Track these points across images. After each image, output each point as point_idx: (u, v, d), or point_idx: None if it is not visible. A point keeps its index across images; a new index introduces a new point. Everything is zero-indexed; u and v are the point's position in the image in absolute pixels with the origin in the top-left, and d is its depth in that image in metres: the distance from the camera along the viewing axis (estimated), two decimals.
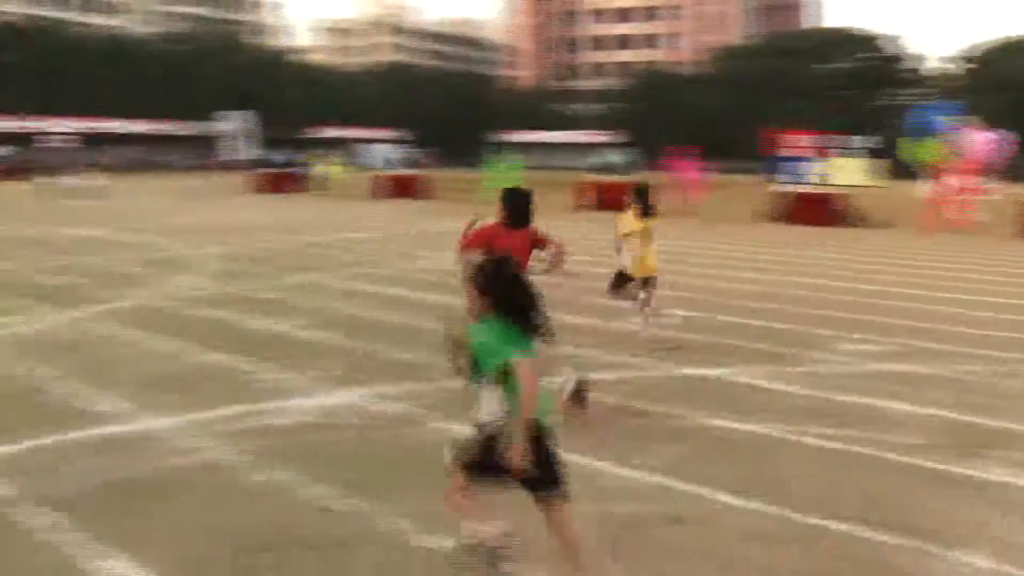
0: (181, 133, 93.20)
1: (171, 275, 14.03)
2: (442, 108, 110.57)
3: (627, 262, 8.84)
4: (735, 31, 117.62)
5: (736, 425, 6.49)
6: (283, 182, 40.50)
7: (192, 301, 11.53)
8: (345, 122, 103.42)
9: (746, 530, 4.72)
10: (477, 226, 6.31)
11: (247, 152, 76.31)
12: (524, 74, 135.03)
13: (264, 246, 18.07)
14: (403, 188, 36.71)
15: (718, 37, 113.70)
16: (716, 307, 11.35)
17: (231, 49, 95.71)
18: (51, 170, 46.46)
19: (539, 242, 6.44)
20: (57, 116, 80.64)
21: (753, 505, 5.05)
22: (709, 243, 19.72)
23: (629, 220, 8.79)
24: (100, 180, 40.24)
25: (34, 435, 6.15)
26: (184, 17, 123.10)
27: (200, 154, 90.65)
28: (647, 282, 8.96)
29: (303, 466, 5.53)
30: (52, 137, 76.18)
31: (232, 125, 79.13)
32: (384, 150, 77.05)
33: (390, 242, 19.14)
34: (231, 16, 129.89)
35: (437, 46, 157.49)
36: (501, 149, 37.08)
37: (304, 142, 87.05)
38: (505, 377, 3.44)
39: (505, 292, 3.54)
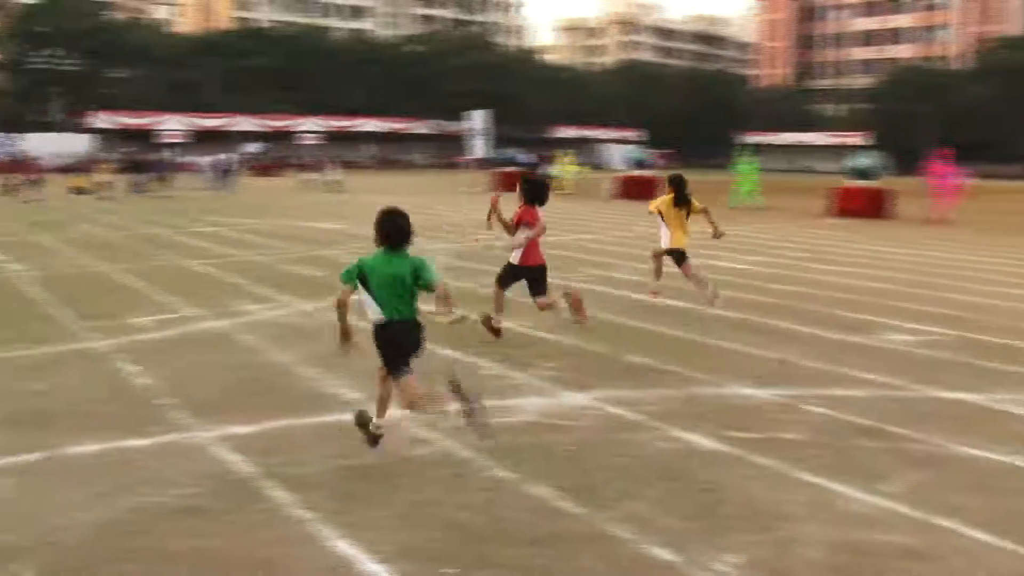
0: (422, 131, 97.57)
1: None
2: (681, 108, 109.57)
3: (662, 238, 11.10)
4: (1014, 21, 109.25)
5: (993, 456, 6.05)
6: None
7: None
8: (583, 122, 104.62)
9: (995, 571, 4.40)
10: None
11: (487, 151, 78.68)
12: (769, 72, 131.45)
13: (490, 243, 18.59)
14: (639, 189, 36.62)
15: (991, 27, 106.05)
16: (977, 327, 10.58)
17: (472, 49, 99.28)
18: (304, 167, 50.16)
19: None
20: (304, 115, 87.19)
21: (1006, 544, 4.70)
22: (971, 255, 18.40)
23: (664, 202, 10.98)
24: (339, 175, 43.05)
25: (274, 417, 6.60)
26: (426, 19, 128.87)
27: (441, 152, 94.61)
28: (679, 256, 11.04)
29: (530, 465, 5.64)
30: (304, 136, 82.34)
31: (475, 124, 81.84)
32: (625, 150, 76.99)
33: (620, 244, 19.13)
34: (472, 17, 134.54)
35: (677, 44, 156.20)
36: (745, 150, 36.08)
37: (543, 141, 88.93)
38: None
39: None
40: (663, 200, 11.14)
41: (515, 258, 8.85)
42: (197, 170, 46.62)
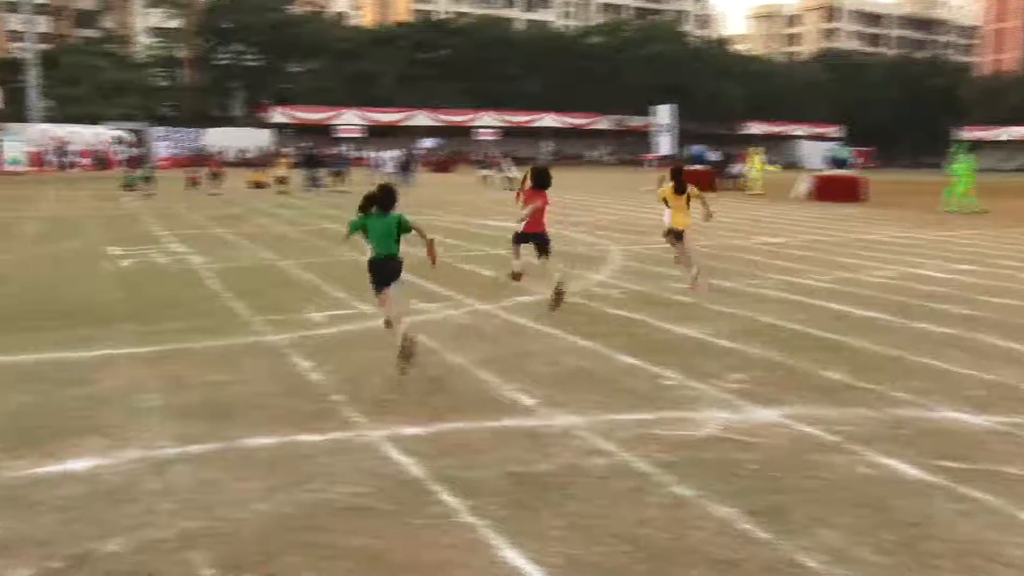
0: (604, 127, 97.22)
1: (581, 270, 14.71)
2: (888, 101, 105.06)
3: (665, 219, 13.04)
4: None
5: None
6: (709, 180, 39.90)
7: (603, 299, 12.00)
8: (777, 117, 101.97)
9: None
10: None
11: (673, 148, 77.82)
12: (995, 58, 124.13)
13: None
14: (838, 190, 35.41)
15: None
16: None
17: (658, 40, 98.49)
18: (481, 163, 51.02)
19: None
20: (481, 110, 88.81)
21: None
22: None
23: (667, 191, 12.89)
24: (515, 172, 43.34)
25: (446, 419, 6.71)
26: (608, 8, 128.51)
27: (623, 149, 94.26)
28: (678, 235, 12.90)
29: (709, 482, 5.54)
30: (480, 131, 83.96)
31: (660, 119, 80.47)
32: (824, 147, 74.64)
33: (812, 248, 18.56)
34: (658, 6, 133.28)
35: (884, 30, 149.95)
36: (961, 147, 34.08)
37: (733, 138, 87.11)
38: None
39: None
40: (666, 189, 13.03)
41: (520, 227, 11.29)
42: (375, 165, 48.39)
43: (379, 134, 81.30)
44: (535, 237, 11.29)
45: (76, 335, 9.56)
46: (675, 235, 13.06)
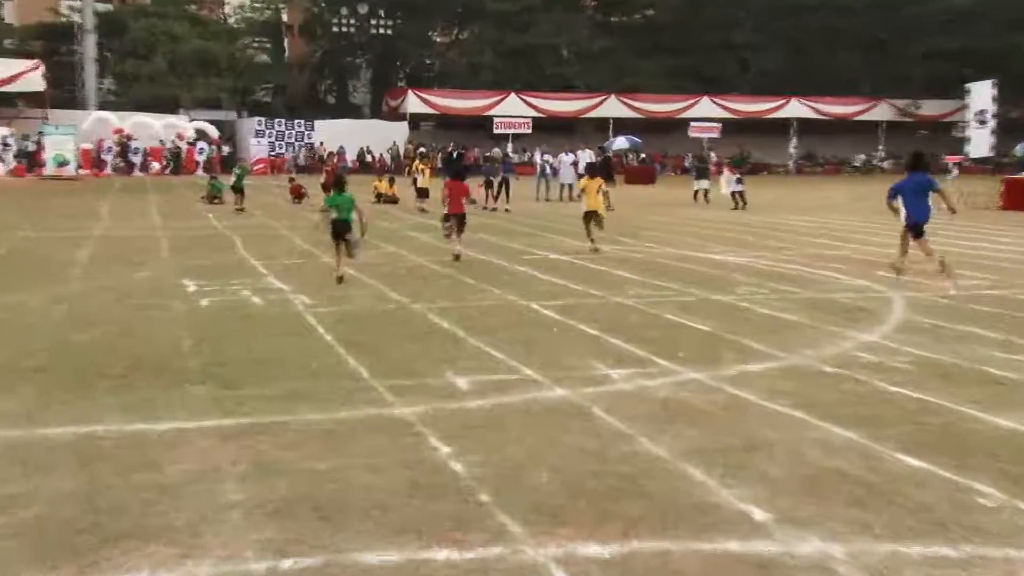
0: (879, 118, 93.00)
1: (841, 326, 14.40)
2: None
3: (583, 203, 23.76)
4: None
5: None
6: None
7: (875, 370, 11.63)
8: None
9: None
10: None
11: (992, 145, 74.10)
12: None
13: (993, 291, 17.80)
14: None
15: None
16: None
17: None
18: (700, 170, 50.18)
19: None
20: (696, 95, 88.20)
21: None
22: None
23: (586, 181, 24.04)
24: (740, 186, 41.61)
25: (641, 534, 6.55)
26: None
27: (911, 147, 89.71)
28: (593, 216, 23.41)
29: None
30: (697, 125, 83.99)
31: (977, 103, 74.83)
32: None
33: None
34: None
35: None
36: None
37: None
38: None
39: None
40: (586, 181, 23.65)
41: (446, 208, 21.41)
42: (548, 171, 48.53)
43: (550, 129, 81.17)
44: (456, 218, 21.68)
45: (137, 399, 9.81)
46: (591, 217, 23.80)
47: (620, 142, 75.35)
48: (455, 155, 51.99)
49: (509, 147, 70.51)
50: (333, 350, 12.31)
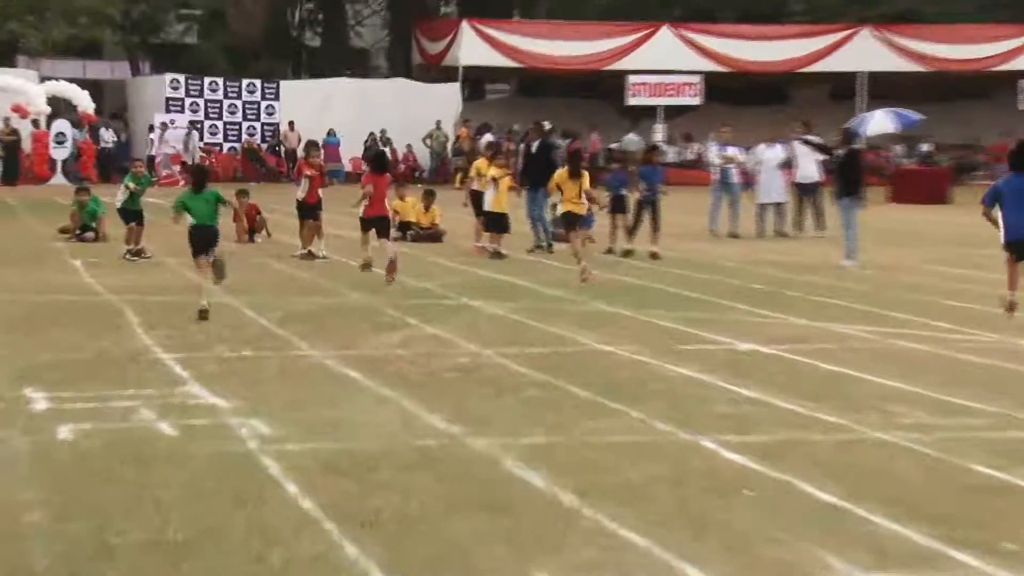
0: None
1: None
2: None
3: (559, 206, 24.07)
4: None
5: None
6: None
7: None
8: None
9: None
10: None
11: None
12: None
13: None
14: None
15: None
16: None
17: None
18: None
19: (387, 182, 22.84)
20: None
21: None
22: None
23: (560, 175, 24.04)
24: None
25: None
26: None
27: None
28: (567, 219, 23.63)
29: None
30: None
31: None
32: None
33: None
34: None
35: None
36: None
37: None
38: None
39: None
40: (559, 173, 23.93)
41: (361, 212, 22.07)
42: (738, 179, 37.65)
43: (737, 98, 60.84)
44: (375, 222, 21.70)
45: None
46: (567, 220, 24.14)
47: (880, 121, 55.92)
48: (545, 145, 30.36)
49: (658, 133, 56.96)
50: (321, 534, 8.84)
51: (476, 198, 27.63)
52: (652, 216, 27.63)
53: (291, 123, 57.50)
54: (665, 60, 59.47)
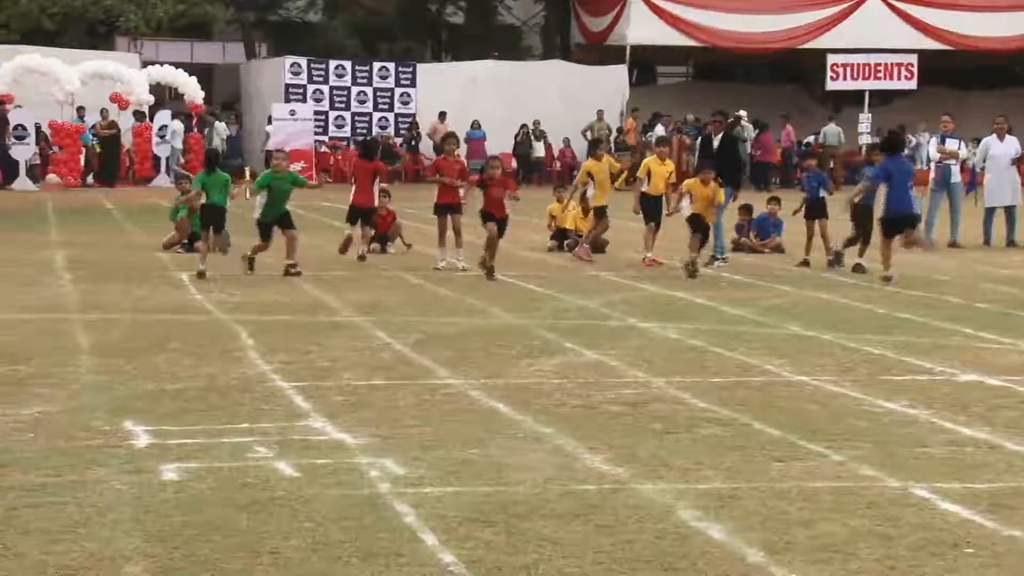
0: None
1: None
2: None
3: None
4: None
5: None
6: None
7: None
8: None
9: None
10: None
11: None
12: None
13: None
14: None
15: None
16: None
17: None
18: None
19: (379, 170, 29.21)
20: None
21: None
22: None
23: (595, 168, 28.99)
24: None
25: None
26: None
27: None
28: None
29: None
30: None
31: None
32: None
33: None
34: None
35: None
36: None
37: None
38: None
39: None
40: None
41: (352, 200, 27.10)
42: (958, 178, 37.11)
43: (961, 79, 62.02)
44: (360, 211, 26.70)
45: None
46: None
47: None
48: (729, 138, 31.68)
49: (864, 124, 56.38)
50: None
51: (647, 203, 27.53)
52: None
53: (442, 114, 57.35)
54: (873, 36, 58.68)
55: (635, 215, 28.39)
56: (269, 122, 54.78)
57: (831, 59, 57.58)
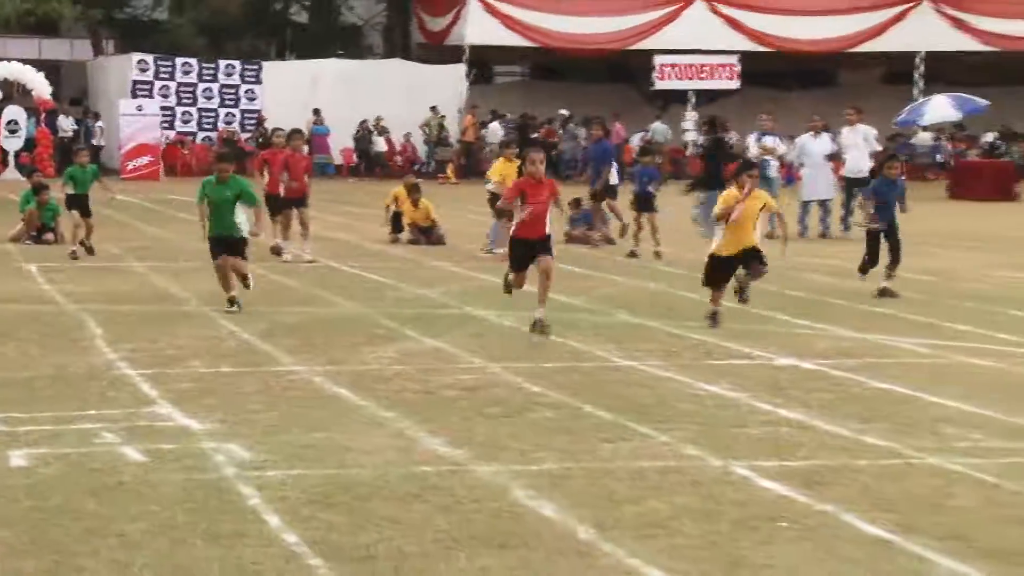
0: None
1: None
2: None
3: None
4: None
5: None
6: None
7: None
8: None
9: None
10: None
11: None
12: None
13: None
14: None
15: None
16: None
17: None
18: None
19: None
20: None
21: None
22: None
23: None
24: None
25: None
26: None
27: None
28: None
29: None
30: None
31: None
32: None
33: None
34: None
35: None
36: None
37: None
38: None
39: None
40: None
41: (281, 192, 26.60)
42: (777, 173, 36.40)
43: (778, 80, 62.97)
44: (295, 201, 26.92)
45: None
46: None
47: (939, 107, 50.10)
48: (717, 141, 32.45)
49: (689, 121, 59.15)
50: (306, 573, 8.90)
51: (494, 202, 26.82)
52: (892, 246, 23.11)
53: (316, 110, 58.16)
54: (698, 38, 60.14)
55: (477, 208, 29.41)
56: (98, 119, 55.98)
57: (658, 60, 59.52)
